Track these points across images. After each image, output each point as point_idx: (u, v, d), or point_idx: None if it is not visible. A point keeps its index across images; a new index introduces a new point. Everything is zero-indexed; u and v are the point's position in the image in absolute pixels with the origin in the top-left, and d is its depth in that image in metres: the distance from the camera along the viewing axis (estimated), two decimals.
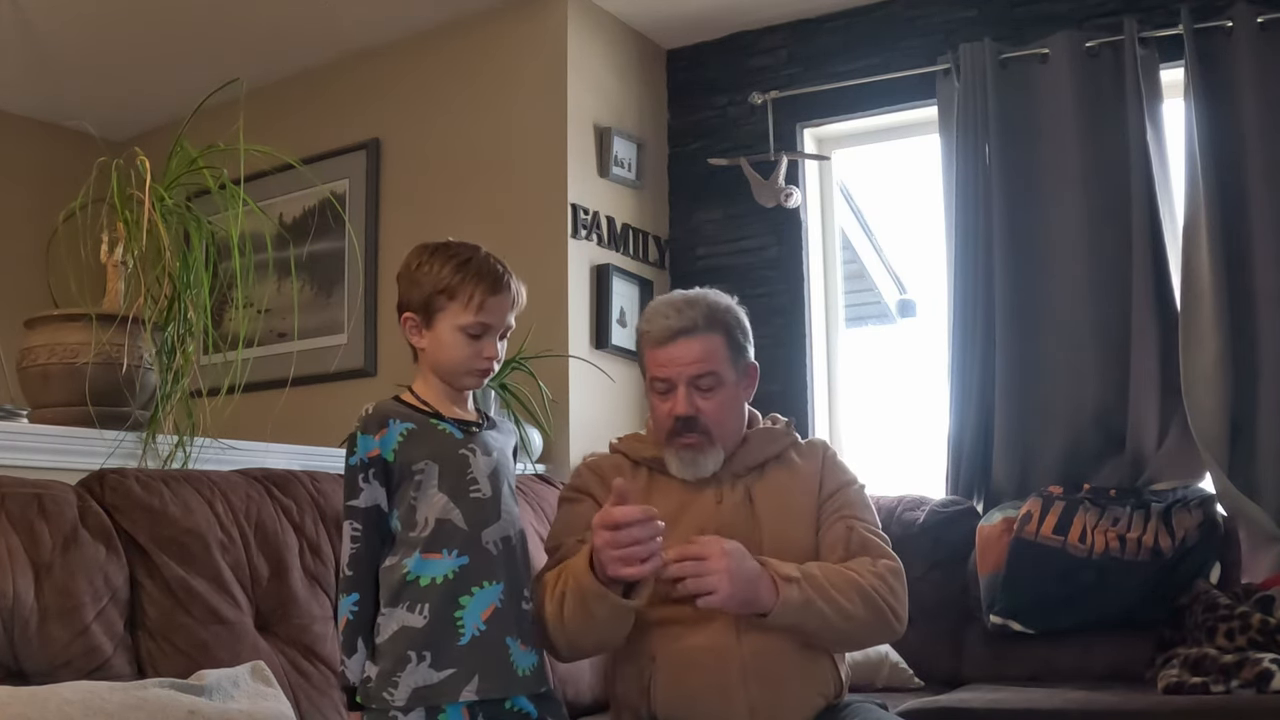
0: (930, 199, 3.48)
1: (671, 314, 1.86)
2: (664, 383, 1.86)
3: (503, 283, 1.69)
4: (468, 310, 1.66)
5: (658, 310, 1.89)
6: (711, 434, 1.85)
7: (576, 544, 1.83)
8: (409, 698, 1.55)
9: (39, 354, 2.16)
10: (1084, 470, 3.02)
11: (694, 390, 1.84)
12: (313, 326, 3.87)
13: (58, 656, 1.63)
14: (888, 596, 1.77)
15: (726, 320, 1.89)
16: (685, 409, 1.83)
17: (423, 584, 1.59)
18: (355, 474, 1.63)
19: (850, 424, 3.71)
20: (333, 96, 4.02)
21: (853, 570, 1.77)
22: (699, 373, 1.84)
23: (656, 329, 1.86)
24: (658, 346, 1.86)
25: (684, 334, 1.84)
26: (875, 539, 1.85)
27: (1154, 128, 3.03)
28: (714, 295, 1.93)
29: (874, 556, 1.82)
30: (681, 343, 1.84)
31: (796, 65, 3.68)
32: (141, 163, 2.20)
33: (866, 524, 1.87)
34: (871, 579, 1.76)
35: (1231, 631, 2.42)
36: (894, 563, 1.82)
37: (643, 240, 3.73)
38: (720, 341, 1.87)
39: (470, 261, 1.68)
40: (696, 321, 1.85)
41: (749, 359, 1.94)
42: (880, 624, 1.77)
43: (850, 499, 1.90)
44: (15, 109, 4.30)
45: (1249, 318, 2.88)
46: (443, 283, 1.66)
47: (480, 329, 1.68)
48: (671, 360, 1.84)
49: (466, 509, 1.63)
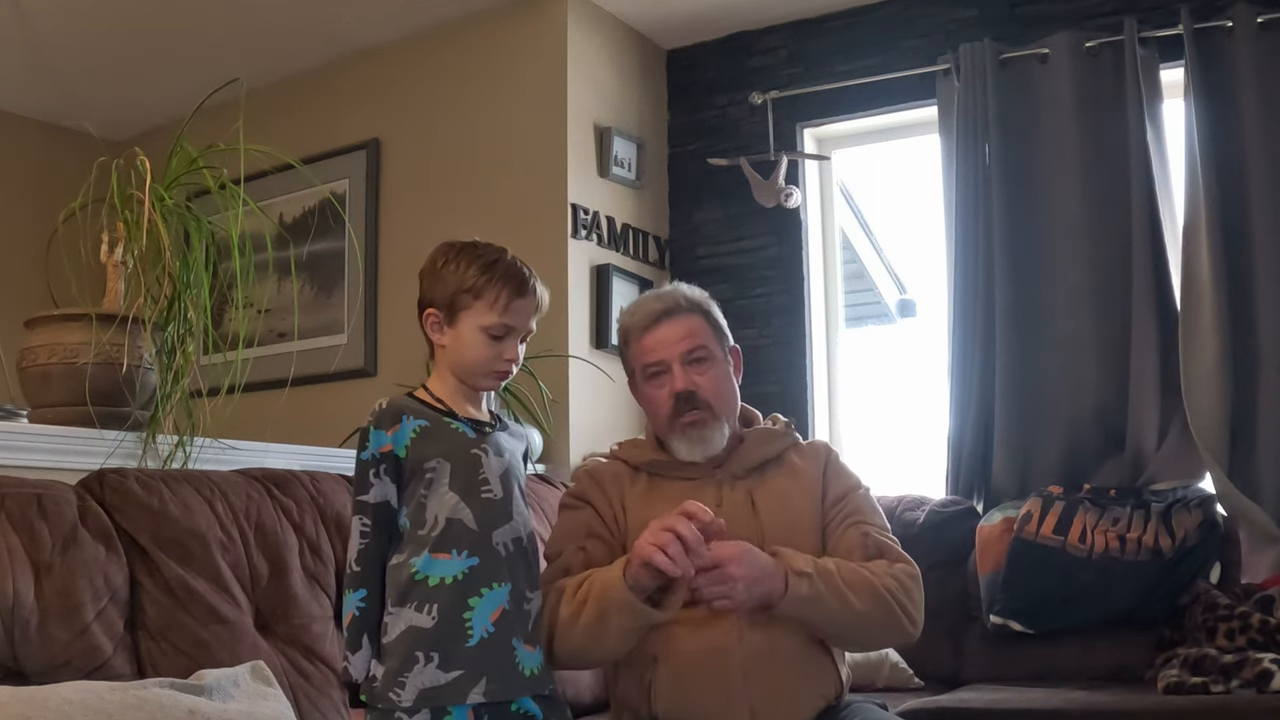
0: (930, 199, 3.48)
1: (651, 300, 1.93)
2: (657, 365, 1.88)
3: (529, 286, 1.69)
4: (492, 311, 1.66)
5: (639, 304, 1.96)
6: (713, 407, 1.87)
7: (577, 551, 1.84)
8: (416, 698, 1.54)
9: (39, 354, 2.16)
10: (1084, 470, 3.02)
11: (688, 367, 1.87)
12: (313, 326, 3.87)
13: (58, 656, 1.63)
14: (902, 598, 1.77)
15: (705, 306, 1.95)
16: (683, 384, 1.86)
17: (431, 584, 1.58)
18: (366, 469, 1.62)
19: (850, 424, 3.71)
20: (333, 96, 4.02)
21: (869, 570, 1.78)
22: (689, 347, 1.87)
23: (640, 314, 1.92)
24: (645, 332, 1.90)
25: (667, 315, 1.89)
26: (893, 545, 1.86)
27: (1154, 127, 3.03)
28: (688, 286, 1.99)
29: (892, 560, 1.82)
30: (666, 324, 1.89)
31: (796, 65, 3.68)
32: (141, 163, 2.20)
33: (879, 529, 1.88)
34: (887, 580, 1.77)
35: (1231, 631, 2.42)
36: (911, 567, 1.83)
37: (643, 240, 3.73)
38: (702, 321, 1.92)
39: (498, 263, 1.68)
40: (679, 302, 1.91)
41: (730, 343, 1.98)
42: (892, 625, 1.77)
43: (859, 504, 1.90)
44: (15, 109, 4.30)
45: (1249, 318, 2.88)
46: (469, 282, 1.66)
47: (503, 330, 1.67)
48: (660, 342, 1.88)
49: (477, 509, 1.62)
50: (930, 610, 2.84)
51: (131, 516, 1.84)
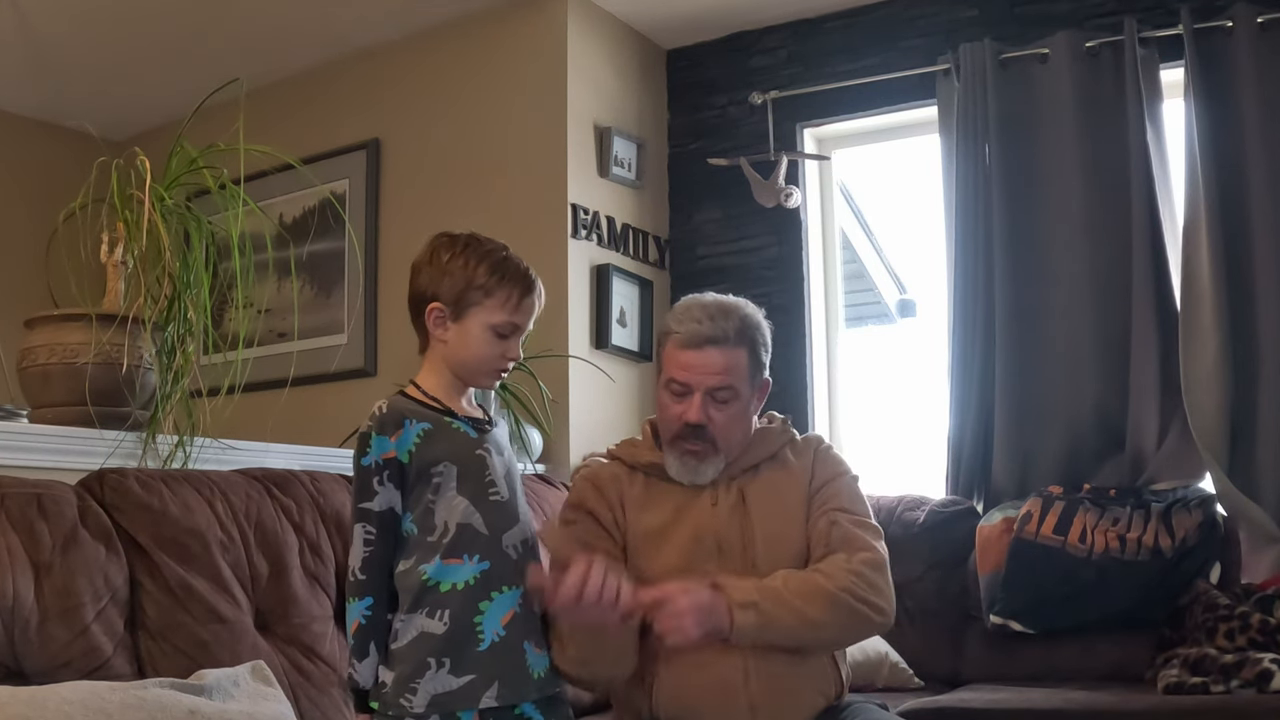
0: (930, 199, 3.48)
1: (705, 320, 1.83)
2: (681, 385, 1.83)
3: (534, 284, 1.68)
4: (504, 309, 1.64)
5: (690, 313, 1.85)
6: (717, 444, 1.84)
7: None
8: (428, 705, 1.53)
9: (39, 354, 2.15)
10: (1084, 470, 3.02)
11: (710, 400, 1.82)
12: (313, 326, 3.86)
13: (58, 656, 1.63)
14: (863, 593, 1.75)
15: (755, 337, 1.87)
16: (698, 417, 1.81)
17: (443, 590, 1.57)
18: (369, 476, 1.59)
19: (850, 424, 3.71)
20: (333, 96, 4.02)
21: (822, 575, 1.76)
22: (718, 385, 1.82)
23: (687, 331, 1.83)
24: (683, 349, 1.83)
25: (713, 343, 1.81)
26: (858, 532, 1.83)
27: (1154, 128, 3.03)
28: (748, 308, 1.90)
29: (851, 551, 1.80)
30: (709, 351, 1.81)
31: (796, 65, 3.68)
32: (141, 163, 2.20)
33: (853, 515, 1.85)
34: (843, 579, 1.75)
35: (1231, 631, 2.42)
36: (873, 554, 1.80)
37: (643, 240, 3.73)
38: (744, 356, 1.85)
39: (506, 260, 1.66)
40: (728, 333, 1.82)
41: (765, 375, 1.93)
42: (857, 623, 1.76)
43: (838, 490, 1.88)
44: (15, 109, 4.30)
45: (1249, 318, 2.88)
46: (480, 279, 1.63)
47: (510, 329, 1.66)
48: (694, 366, 1.82)
49: (487, 513, 1.61)
50: (930, 610, 2.88)
51: (131, 516, 1.84)
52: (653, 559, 1.83)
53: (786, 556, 1.83)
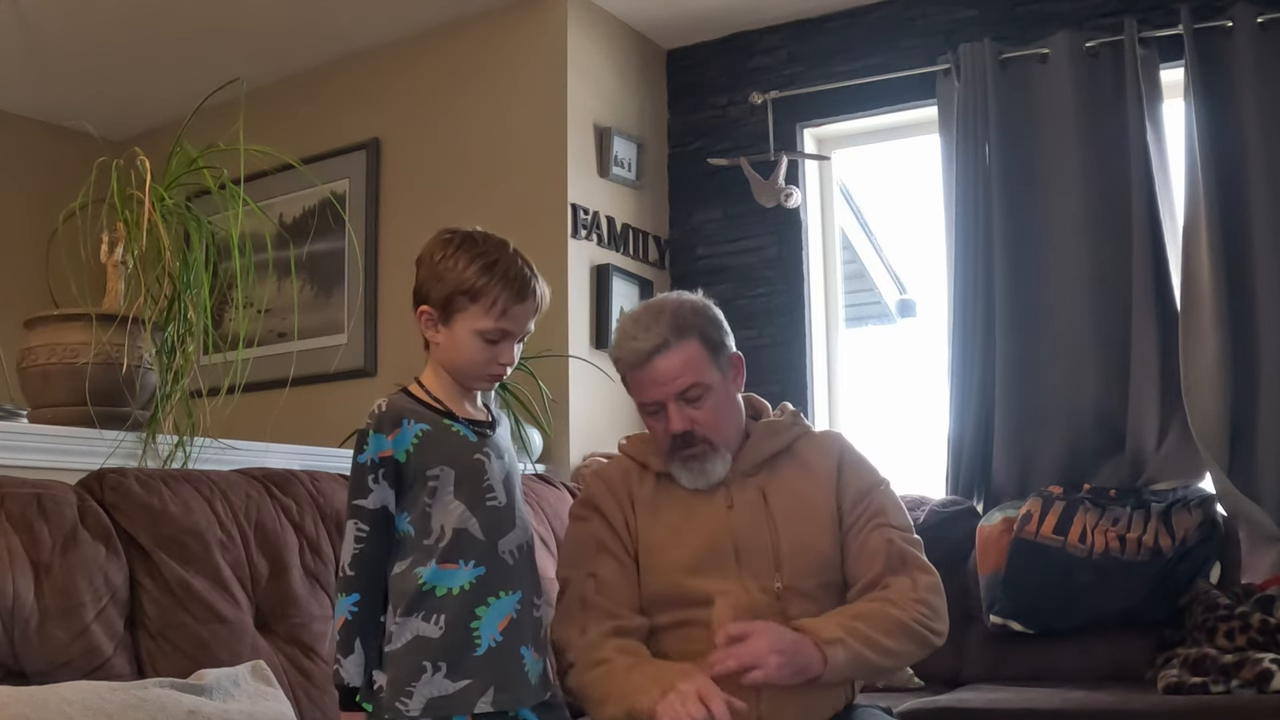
0: (930, 199, 3.48)
1: (639, 334, 1.79)
2: (651, 404, 1.82)
3: (528, 289, 1.62)
4: (489, 315, 1.60)
5: (624, 333, 1.82)
6: (712, 441, 1.82)
7: (586, 578, 1.81)
8: (424, 708, 1.52)
9: (39, 354, 2.15)
10: (1084, 470, 3.02)
11: (683, 404, 1.79)
12: (313, 326, 3.86)
13: (58, 656, 1.62)
14: (930, 622, 1.77)
15: (696, 323, 1.82)
16: (680, 425, 1.79)
17: (439, 594, 1.56)
18: (364, 473, 1.58)
19: (850, 424, 3.71)
20: (333, 96, 4.02)
21: (893, 605, 1.75)
22: (683, 388, 1.78)
23: (628, 352, 1.80)
24: (633, 370, 1.81)
25: (655, 353, 1.78)
26: (912, 550, 1.84)
27: (1154, 128, 3.03)
28: (676, 299, 1.85)
29: (913, 572, 1.80)
30: (656, 362, 1.78)
31: (796, 65, 3.68)
32: (141, 163, 2.20)
33: (902, 531, 1.85)
34: (914, 610, 1.75)
35: (1231, 631, 2.42)
36: (934, 578, 1.82)
37: (643, 240, 3.73)
38: (695, 347, 1.80)
39: (498, 263, 1.60)
40: (665, 336, 1.78)
41: (730, 352, 1.87)
42: (924, 649, 1.79)
43: (883, 504, 1.87)
44: (15, 109, 4.30)
45: (1249, 318, 2.88)
46: (466, 283, 1.59)
47: (499, 335, 1.62)
48: (652, 381, 1.79)
49: (484, 518, 1.60)
50: None
51: (131, 516, 1.84)
52: (663, 562, 1.83)
53: (812, 564, 1.81)
